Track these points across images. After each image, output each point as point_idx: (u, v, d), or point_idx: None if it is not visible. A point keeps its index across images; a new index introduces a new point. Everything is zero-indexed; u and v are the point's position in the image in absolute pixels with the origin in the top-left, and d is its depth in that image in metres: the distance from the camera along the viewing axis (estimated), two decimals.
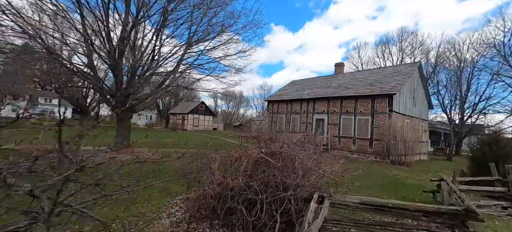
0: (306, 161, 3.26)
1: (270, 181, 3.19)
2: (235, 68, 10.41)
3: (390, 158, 12.12)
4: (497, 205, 5.70)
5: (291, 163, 3.44)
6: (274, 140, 4.12)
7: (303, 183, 3.30)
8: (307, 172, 3.58)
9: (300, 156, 3.40)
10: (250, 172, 3.38)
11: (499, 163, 7.19)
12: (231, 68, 10.28)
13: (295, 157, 3.27)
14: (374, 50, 28.97)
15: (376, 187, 6.99)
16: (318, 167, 3.75)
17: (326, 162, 4.40)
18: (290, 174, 3.39)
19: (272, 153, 3.56)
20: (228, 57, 9.50)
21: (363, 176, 8.53)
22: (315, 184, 3.41)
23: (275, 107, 20.12)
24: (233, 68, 10.23)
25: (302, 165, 3.58)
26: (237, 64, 10.29)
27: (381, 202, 3.45)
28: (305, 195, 3.29)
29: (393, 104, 12.93)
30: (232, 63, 9.85)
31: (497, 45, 16.59)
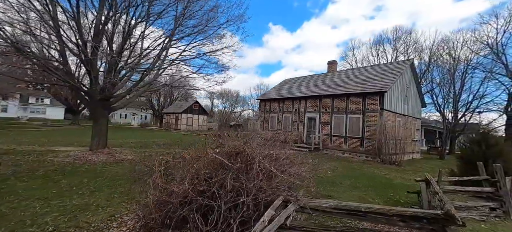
0: (264, 163, 2.92)
1: (228, 185, 2.85)
2: (220, 65, 10.05)
3: (381, 157, 11.88)
4: (485, 206, 5.44)
5: (255, 165, 3.11)
6: (241, 138, 3.78)
7: (267, 186, 2.97)
8: (272, 174, 3.25)
9: (261, 156, 3.07)
10: (210, 175, 3.04)
11: (488, 162, 6.95)
12: (216, 64, 9.92)
13: (255, 158, 2.93)
14: (368, 49, 28.73)
15: (363, 188, 6.71)
16: (289, 167, 3.43)
17: (298, 162, 4.08)
18: (254, 177, 3.06)
19: (236, 154, 3.23)
20: (212, 53, 9.13)
21: (351, 176, 8.26)
22: (280, 187, 3.07)
23: (267, 106, 19.80)
24: (217, 64, 9.87)
25: (266, 166, 3.25)
26: (222, 60, 9.94)
27: (354, 206, 3.13)
28: (269, 199, 2.96)
29: (385, 102, 12.68)
30: (217, 59, 9.50)
31: (491, 43, 16.48)
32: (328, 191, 6.00)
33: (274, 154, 3.45)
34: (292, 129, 17.31)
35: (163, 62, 8.86)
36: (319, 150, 15.03)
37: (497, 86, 18.43)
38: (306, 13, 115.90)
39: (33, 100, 45.55)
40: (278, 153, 3.67)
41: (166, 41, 8.29)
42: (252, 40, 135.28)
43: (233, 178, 2.89)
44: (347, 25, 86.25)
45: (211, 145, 3.45)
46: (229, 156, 3.00)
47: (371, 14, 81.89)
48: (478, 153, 7.05)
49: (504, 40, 15.92)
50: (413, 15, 67.91)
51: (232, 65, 10.21)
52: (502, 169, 5.34)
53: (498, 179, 5.36)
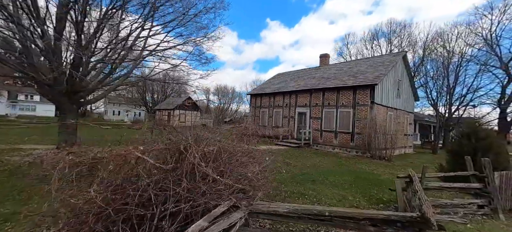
0: (202, 164, 2.47)
1: (150, 191, 2.37)
2: (203, 57, 9.52)
3: (370, 153, 11.53)
4: (473, 204, 5.09)
5: (194, 167, 2.65)
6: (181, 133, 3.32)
7: (211, 189, 2.52)
8: (222, 173, 2.80)
9: (201, 153, 2.60)
10: (133, 179, 2.57)
11: (478, 156, 6.61)
12: (198, 56, 9.39)
13: (191, 157, 2.47)
14: (363, 43, 28.26)
15: (346, 185, 6.32)
16: (241, 167, 2.98)
17: (260, 160, 3.64)
18: (198, 180, 2.61)
19: (179, 152, 2.76)
20: (193, 43, 8.59)
21: (336, 172, 7.88)
22: (225, 190, 2.62)
23: (258, 101, 19.32)
24: (200, 56, 9.34)
25: (217, 164, 2.79)
26: (205, 50, 9.39)
27: (317, 210, 2.70)
28: (212, 205, 2.51)
29: (375, 96, 12.28)
30: (199, 50, 8.97)
31: (485, 34, 16.13)
32: (306, 189, 5.60)
33: (223, 152, 2.98)
34: (282, 125, 16.90)
35: (142, 54, 8.31)
36: (309, 146, 14.65)
37: (491, 79, 18.20)
38: (304, 8, 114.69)
39: (23, 97, 44.46)
40: (233, 150, 3.22)
41: (140, 29, 7.72)
42: (249, 35, 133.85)
43: (177, 181, 2.44)
44: (345, 21, 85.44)
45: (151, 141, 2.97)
46: (165, 154, 2.53)
47: (369, 9, 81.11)
48: (467, 146, 6.69)
49: (498, 31, 15.61)
50: (410, 11, 67.39)
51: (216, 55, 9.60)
52: (490, 163, 4.97)
53: (486, 174, 4.99)
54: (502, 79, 16.13)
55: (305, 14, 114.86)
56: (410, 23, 52.52)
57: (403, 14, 75.91)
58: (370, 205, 5.02)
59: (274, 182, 5.39)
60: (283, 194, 5.12)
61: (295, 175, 6.95)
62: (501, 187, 5.04)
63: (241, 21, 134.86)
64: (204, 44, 9.15)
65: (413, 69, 22.69)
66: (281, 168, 7.69)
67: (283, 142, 15.05)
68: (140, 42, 8.33)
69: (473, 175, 5.27)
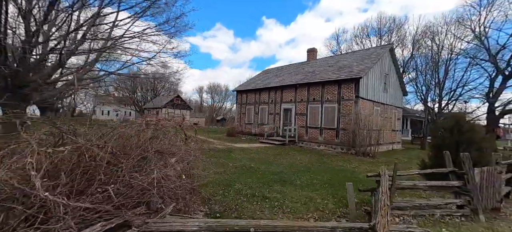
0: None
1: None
2: (175, 53, 8.84)
3: (355, 149, 11.05)
4: (451, 204, 4.60)
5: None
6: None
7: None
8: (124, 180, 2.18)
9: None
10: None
11: (461, 151, 6.15)
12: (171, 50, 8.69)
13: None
14: (353, 38, 27.82)
15: (319, 185, 5.78)
16: (142, 173, 2.37)
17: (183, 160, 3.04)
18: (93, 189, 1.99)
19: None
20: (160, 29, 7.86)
21: (313, 171, 7.34)
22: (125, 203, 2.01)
23: (244, 98, 18.70)
24: (172, 50, 8.65)
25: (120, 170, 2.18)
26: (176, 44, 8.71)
27: (240, 225, 2.10)
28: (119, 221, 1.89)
29: (360, 90, 11.79)
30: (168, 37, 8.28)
31: (473, 27, 15.83)
32: (272, 191, 5.02)
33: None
34: (268, 121, 16.33)
35: (107, 42, 7.57)
36: (294, 143, 14.12)
37: (480, 73, 17.95)
38: (299, 6, 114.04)
39: None
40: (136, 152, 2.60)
41: (97, 16, 6.96)
42: (245, 34, 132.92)
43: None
44: (341, 18, 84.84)
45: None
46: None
47: (364, 6, 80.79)
48: (449, 140, 6.22)
49: (486, 23, 15.29)
50: (405, 8, 67.12)
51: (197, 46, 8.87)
52: (469, 159, 4.47)
53: (466, 171, 4.49)
54: (491, 73, 15.88)
55: (301, 12, 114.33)
56: (404, 20, 52.28)
57: (397, 11, 75.87)
58: (337, 208, 4.48)
59: (216, 187, 4.81)
60: (241, 199, 4.52)
61: (266, 175, 6.38)
62: (481, 184, 4.56)
63: (237, 19, 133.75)
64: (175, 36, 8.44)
65: (403, 64, 22.38)
66: (254, 169, 7.12)
67: (268, 139, 14.49)
68: (102, 32, 7.59)
69: (452, 172, 4.77)
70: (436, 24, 19.86)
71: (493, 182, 4.66)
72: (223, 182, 5.37)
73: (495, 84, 15.58)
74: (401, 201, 4.41)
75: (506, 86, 14.95)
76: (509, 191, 5.82)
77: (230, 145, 12.75)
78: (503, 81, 14.97)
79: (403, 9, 65.18)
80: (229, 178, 5.82)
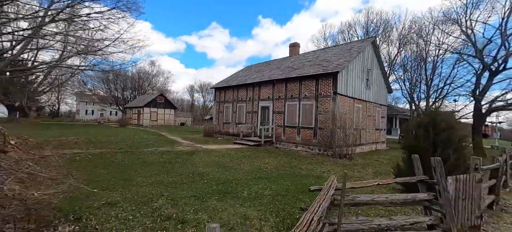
0: None
1: None
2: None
3: (331, 150, 10.10)
4: (420, 223, 3.65)
5: None
6: None
7: None
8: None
9: None
10: None
11: (438, 153, 5.26)
12: None
13: None
14: (339, 33, 27.03)
15: (266, 198, 4.73)
16: None
17: None
18: None
19: None
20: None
21: (272, 178, 6.31)
22: None
23: (222, 95, 17.60)
24: None
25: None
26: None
27: None
28: None
29: (338, 85, 10.86)
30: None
31: (459, 19, 15.14)
32: (202, 209, 3.97)
33: None
34: (246, 120, 15.29)
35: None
36: (271, 144, 13.13)
37: (468, 70, 17.37)
38: (296, 6, 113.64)
39: None
40: None
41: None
42: (241, 33, 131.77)
43: None
44: (336, 18, 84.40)
45: None
46: None
47: (359, 7, 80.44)
48: (425, 140, 5.31)
49: (472, 16, 14.61)
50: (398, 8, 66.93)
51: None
52: (441, 164, 3.53)
53: (437, 180, 3.55)
54: (477, 69, 15.25)
55: (297, 11, 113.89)
56: (398, 20, 51.66)
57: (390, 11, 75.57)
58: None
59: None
60: (146, 224, 3.41)
61: (210, 185, 5.32)
62: (457, 197, 3.62)
63: (233, 18, 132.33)
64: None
65: (390, 61, 21.70)
66: (203, 176, 6.06)
67: (243, 140, 13.44)
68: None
69: (421, 181, 3.83)
70: (423, 19, 19.21)
71: (471, 194, 3.74)
72: (143, 197, 4.28)
73: (481, 80, 14.97)
74: (355, 221, 3.42)
75: (493, 83, 14.32)
76: (492, 201, 4.96)
77: (199, 146, 11.65)
78: (489, 77, 14.33)
79: (397, 9, 65.10)
80: (156, 190, 4.70)
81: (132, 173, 5.87)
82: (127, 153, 8.57)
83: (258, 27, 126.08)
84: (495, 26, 13.72)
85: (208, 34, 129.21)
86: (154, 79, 45.26)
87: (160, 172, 6.08)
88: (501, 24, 13.24)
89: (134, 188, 4.66)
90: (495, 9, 13.62)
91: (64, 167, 3.55)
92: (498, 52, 13.71)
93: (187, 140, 14.02)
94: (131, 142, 11.71)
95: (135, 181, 5.16)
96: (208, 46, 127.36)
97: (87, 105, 50.67)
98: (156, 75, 50.27)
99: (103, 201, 3.78)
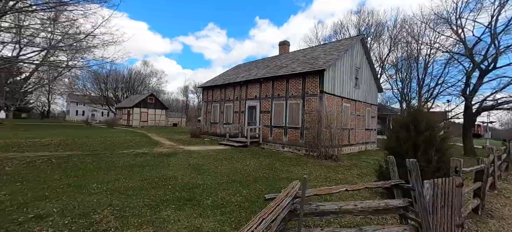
0: None
1: None
2: None
3: (317, 151, 9.71)
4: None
5: None
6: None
7: None
8: None
9: None
10: None
11: (419, 155, 4.89)
12: None
13: None
14: (332, 32, 26.82)
15: (229, 207, 4.27)
16: None
17: None
18: None
19: None
20: None
21: (246, 183, 5.85)
22: None
23: (210, 95, 17.12)
24: None
25: None
26: None
27: None
28: None
29: (325, 83, 10.50)
30: None
31: (449, 16, 14.98)
32: (151, 221, 3.50)
33: None
34: (233, 121, 14.83)
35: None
36: (258, 145, 12.71)
37: (459, 70, 17.25)
38: (292, 7, 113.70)
39: None
40: None
41: None
42: (238, 34, 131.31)
43: None
44: (333, 19, 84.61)
45: None
46: None
47: (355, 9, 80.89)
48: (406, 141, 4.95)
49: (463, 13, 14.44)
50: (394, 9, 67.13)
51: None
52: (417, 167, 3.14)
53: (413, 185, 3.17)
54: (467, 68, 15.08)
55: (293, 13, 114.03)
56: (396, 22, 51.59)
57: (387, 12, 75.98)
58: None
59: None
60: None
61: (174, 190, 4.86)
62: (434, 203, 3.23)
63: (230, 19, 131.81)
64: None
65: (381, 61, 21.49)
66: (171, 180, 5.59)
67: (230, 141, 12.99)
68: None
69: (396, 186, 3.44)
70: (414, 18, 19.01)
71: (451, 200, 3.36)
72: (87, 207, 3.78)
73: (472, 79, 14.79)
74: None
75: (483, 82, 14.14)
76: (477, 206, 4.61)
77: (180, 148, 11.15)
78: (480, 77, 14.17)
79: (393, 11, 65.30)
80: (106, 199, 4.14)
81: (90, 178, 5.36)
82: (97, 156, 8.03)
83: (255, 28, 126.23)
84: (485, 24, 13.54)
85: (205, 35, 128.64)
86: (146, 79, 44.50)
87: (122, 177, 5.58)
88: (491, 22, 13.07)
89: (81, 196, 4.17)
90: (485, 7, 13.45)
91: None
92: (488, 50, 13.55)
93: (171, 141, 13.49)
94: (109, 144, 11.15)
95: (88, 188, 4.66)
96: (205, 47, 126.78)
97: (78, 105, 49.59)
98: (149, 75, 49.55)
99: (32, 214, 3.29)
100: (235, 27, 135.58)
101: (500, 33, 13.00)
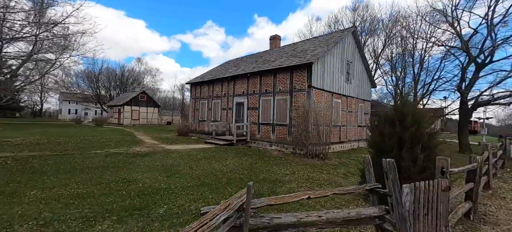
0: None
1: None
2: None
3: (305, 149, 9.18)
4: None
5: None
6: None
7: None
8: None
9: None
10: None
11: (404, 152, 4.37)
12: None
13: None
14: (325, 26, 26.21)
15: (188, 215, 3.73)
16: None
17: None
18: None
19: None
20: None
21: (222, 185, 5.32)
22: None
23: (198, 91, 16.51)
24: None
25: None
26: None
27: None
28: None
29: (313, 78, 9.95)
30: None
31: (445, 8, 14.44)
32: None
33: None
34: (221, 118, 14.26)
35: None
36: (245, 143, 12.16)
37: (455, 65, 16.77)
38: (291, 5, 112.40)
39: None
40: None
41: None
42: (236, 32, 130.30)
43: None
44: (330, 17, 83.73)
45: None
46: None
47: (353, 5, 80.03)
48: (391, 137, 4.41)
49: (459, 5, 13.92)
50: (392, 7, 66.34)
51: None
52: (395, 168, 2.61)
53: (389, 190, 2.63)
54: (463, 61, 14.59)
55: (292, 10, 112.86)
56: (383, 11, 50.92)
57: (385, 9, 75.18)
58: None
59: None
60: None
61: (125, 199, 4.28)
62: (416, 211, 2.69)
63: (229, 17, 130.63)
64: None
65: (375, 56, 20.96)
66: (132, 183, 5.02)
67: (216, 139, 12.42)
68: None
69: (371, 191, 2.90)
70: (409, 9, 18.46)
71: (436, 207, 2.83)
72: (5, 222, 3.19)
73: (468, 74, 14.32)
74: None
75: (479, 76, 13.66)
76: (469, 209, 4.09)
77: (161, 147, 10.57)
78: (476, 71, 13.68)
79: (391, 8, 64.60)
80: (36, 209, 3.48)
81: (34, 183, 4.76)
82: (63, 157, 7.43)
83: (254, 26, 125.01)
84: (482, 15, 13.02)
85: (203, 33, 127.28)
86: (140, 76, 43.70)
87: (75, 182, 4.99)
88: (487, 13, 12.55)
89: (7, 207, 3.59)
90: None
91: None
92: (484, 43, 13.05)
93: (155, 140, 12.90)
94: (86, 143, 10.54)
95: (23, 195, 4.07)
96: (204, 44, 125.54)
97: (70, 104, 48.71)
98: (144, 73, 48.74)
99: None
100: (234, 25, 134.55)
101: (497, 25, 12.50)
